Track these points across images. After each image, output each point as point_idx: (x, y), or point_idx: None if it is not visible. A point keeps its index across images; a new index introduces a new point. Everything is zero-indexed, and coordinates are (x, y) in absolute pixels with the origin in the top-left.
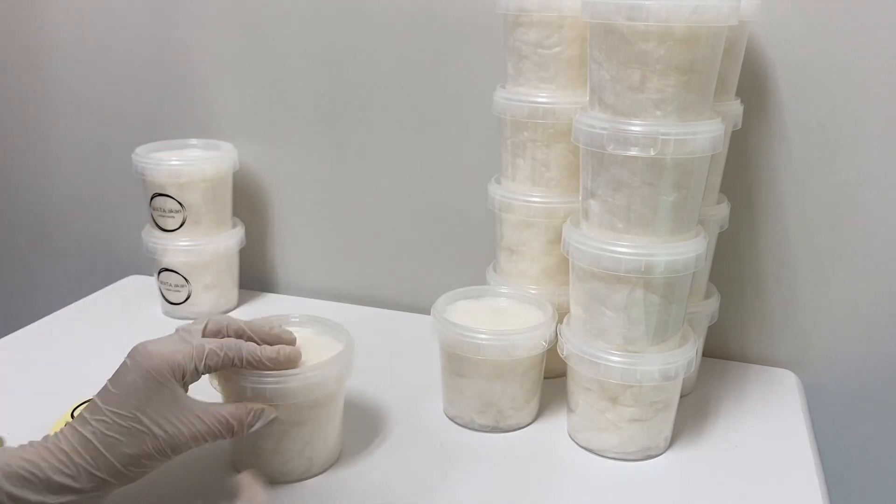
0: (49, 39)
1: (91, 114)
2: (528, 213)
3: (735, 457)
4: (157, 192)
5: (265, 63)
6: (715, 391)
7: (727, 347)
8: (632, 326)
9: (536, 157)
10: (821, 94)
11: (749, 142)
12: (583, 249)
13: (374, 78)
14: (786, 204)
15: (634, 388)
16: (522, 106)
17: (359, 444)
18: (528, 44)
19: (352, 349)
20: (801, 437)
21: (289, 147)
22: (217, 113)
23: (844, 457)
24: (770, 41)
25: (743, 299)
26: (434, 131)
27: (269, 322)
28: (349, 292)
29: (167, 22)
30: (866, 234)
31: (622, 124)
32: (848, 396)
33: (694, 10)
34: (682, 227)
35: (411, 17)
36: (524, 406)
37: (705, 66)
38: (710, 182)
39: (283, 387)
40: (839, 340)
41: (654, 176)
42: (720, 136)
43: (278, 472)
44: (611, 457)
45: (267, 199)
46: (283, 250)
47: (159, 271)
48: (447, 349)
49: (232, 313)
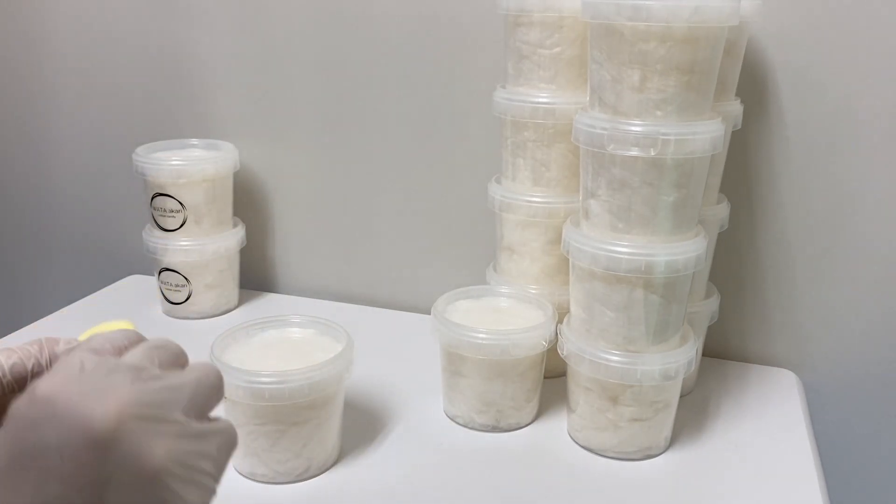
0: (50, 40)
1: (92, 114)
2: (529, 213)
3: (735, 456)
4: (157, 191)
5: (266, 63)
6: (715, 391)
7: (727, 347)
8: (632, 326)
9: (536, 157)
10: (821, 94)
11: (749, 142)
12: (583, 249)
13: (374, 78)
14: (786, 204)
15: (634, 387)
16: (523, 106)
17: (359, 444)
18: (528, 44)
19: (352, 349)
20: (800, 437)
21: (289, 147)
22: (218, 113)
23: (844, 457)
24: (770, 41)
25: (743, 299)
26: (434, 131)
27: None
28: (349, 292)
29: (168, 22)
30: (866, 234)
31: (622, 124)
32: (848, 396)
33: (695, 10)
34: (682, 227)
35: (411, 18)
36: (524, 406)
37: (706, 66)
38: (709, 182)
39: (283, 387)
40: (839, 340)
41: (655, 176)
42: (720, 136)
43: (277, 472)
44: (611, 456)
45: (267, 198)
46: (283, 250)
47: (160, 271)
48: (447, 349)
49: (233, 313)
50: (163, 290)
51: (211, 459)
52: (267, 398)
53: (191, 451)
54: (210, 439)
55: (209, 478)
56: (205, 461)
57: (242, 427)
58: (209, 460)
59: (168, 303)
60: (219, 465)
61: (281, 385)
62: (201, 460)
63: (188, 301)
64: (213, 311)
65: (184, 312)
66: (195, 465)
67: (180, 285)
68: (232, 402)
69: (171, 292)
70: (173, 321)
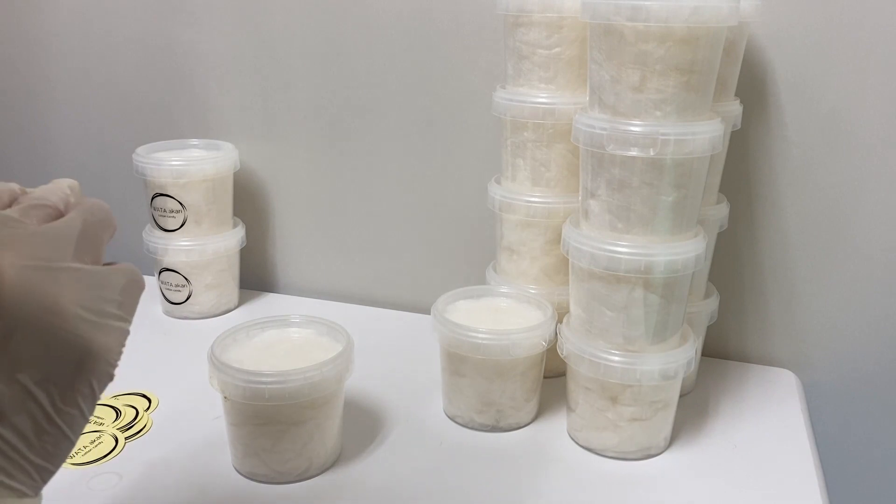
0: (50, 40)
1: (92, 114)
2: (528, 213)
3: (735, 456)
4: (157, 192)
5: (266, 63)
6: (714, 391)
7: (727, 347)
8: (631, 326)
9: (536, 158)
10: (820, 94)
11: (749, 142)
12: (582, 249)
13: (374, 78)
14: (785, 204)
15: (634, 387)
16: (522, 106)
17: (359, 444)
18: (528, 44)
19: (352, 349)
20: (800, 437)
21: (289, 147)
22: (218, 113)
23: (844, 457)
24: (770, 41)
25: (742, 299)
26: (434, 131)
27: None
28: (349, 292)
29: (168, 22)
30: (866, 234)
31: (622, 124)
32: (848, 396)
33: (694, 10)
34: (682, 227)
35: (411, 18)
36: (524, 405)
37: (705, 66)
38: (709, 182)
39: (283, 387)
40: (839, 340)
41: (654, 176)
42: (720, 137)
43: (277, 472)
44: (610, 456)
45: (267, 198)
46: (283, 250)
47: (160, 271)
48: (447, 349)
49: (233, 313)
50: (163, 290)
51: (115, 302)
52: (267, 398)
53: (93, 295)
54: (112, 280)
55: (118, 320)
56: (109, 304)
57: (242, 427)
58: (114, 303)
59: (168, 303)
60: (126, 307)
61: (281, 385)
62: (105, 304)
63: (188, 301)
64: (213, 311)
65: (184, 312)
66: (101, 309)
67: (180, 285)
68: (232, 402)
69: (171, 292)
70: (173, 321)
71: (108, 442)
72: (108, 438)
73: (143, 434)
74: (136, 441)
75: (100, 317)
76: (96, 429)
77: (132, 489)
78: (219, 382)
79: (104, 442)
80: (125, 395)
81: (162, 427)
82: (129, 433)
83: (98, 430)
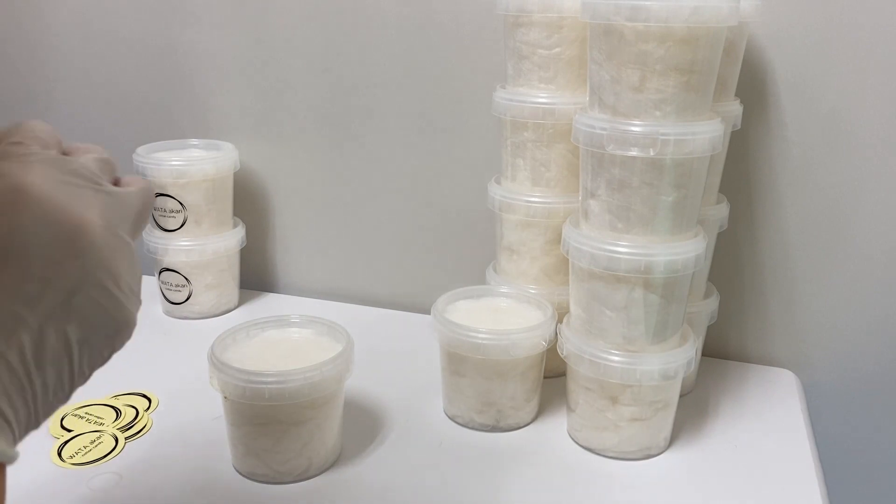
0: (50, 40)
1: (92, 114)
2: (528, 213)
3: (735, 456)
4: (157, 192)
5: (266, 63)
6: (714, 391)
7: (727, 347)
8: (631, 326)
9: (536, 158)
10: (820, 94)
11: (749, 142)
12: (582, 249)
13: (374, 78)
14: (785, 204)
15: (634, 387)
16: (522, 106)
17: (359, 444)
18: (528, 44)
19: (351, 349)
20: (800, 437)
21: (289, 147)
22: (218, 113)
23: (844, 457)
24: (770, 41)
25: (742, 299)
26: (434, 131)
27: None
28: (349, 292)
29: (168, 22)
30: (866, 234)
31: (622, 124)
32: (848, 396)
33: (694, 10)
34: (682, 227)
35: (411, 18)
36: (524, 405)
37: (705, 66)
38: (709, 182)
39: (283, 387)
40: (839, 340)
41: (654, 176)
42: (720, 137)
43: (277, 472)
44: (610, 456)
45: (267, 199)
46: (283, 250)
47: (160, 271)
48: (447, 349)
49: (233, 313)
50: (163, 290)
51: (138, 282)
52: (267, 398)
53: (137, 273)
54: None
55: (138, 298)
56: (139, 284)
57: (242, 427)
58: (138, 283)
59: (168, 303)
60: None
61: (281, 385)
62: (138, 283)
63: (188, 301)
64: (213, 311)
65: (184, 312)
66: (137, 288)
67: (180, 285)
68: (232, 402)
69: (171, 292)
70: (173, 321)
71: (108, 442)
72: (108, 438)
73: (143, 434)
74: (136, 441)
75: (136, 295)
76: (96, 429)
77: (132, 489)
78: (219, 382)
79: (104, 442)
80: (125, 395)
81: (162, 427)
82: (129, 433)
83: (98, 430)
